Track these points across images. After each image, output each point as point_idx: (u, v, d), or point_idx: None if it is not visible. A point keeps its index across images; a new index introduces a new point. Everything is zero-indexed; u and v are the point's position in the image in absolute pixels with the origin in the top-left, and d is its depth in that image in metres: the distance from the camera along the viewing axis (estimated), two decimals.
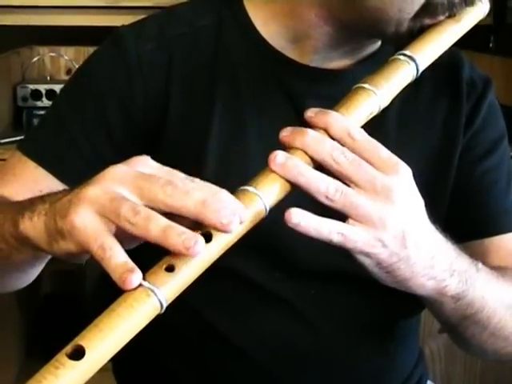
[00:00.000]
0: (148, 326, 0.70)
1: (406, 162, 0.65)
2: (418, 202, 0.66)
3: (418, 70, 0.72)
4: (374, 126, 0.68)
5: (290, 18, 0.82)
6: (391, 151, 0.64)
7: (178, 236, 0.51)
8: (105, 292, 0.63)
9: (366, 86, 0.68)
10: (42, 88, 2.10)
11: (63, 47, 2.25)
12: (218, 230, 0.53)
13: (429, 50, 0.74)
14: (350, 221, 0.62)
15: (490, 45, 2.14)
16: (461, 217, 0.88)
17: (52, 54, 2.26)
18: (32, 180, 0.81)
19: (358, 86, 0.68)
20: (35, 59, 2.25)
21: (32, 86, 2.10)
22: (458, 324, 0.78)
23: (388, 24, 0.75)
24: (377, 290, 0.84)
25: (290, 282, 0.84)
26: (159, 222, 0.52)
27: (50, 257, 0.71)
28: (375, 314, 0.89)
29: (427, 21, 0.76)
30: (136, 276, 0.51)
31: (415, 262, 0.66)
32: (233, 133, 0.82)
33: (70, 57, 2.26)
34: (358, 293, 0.85)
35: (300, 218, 0.60)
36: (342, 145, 0.63)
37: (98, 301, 0.66)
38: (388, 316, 0.91)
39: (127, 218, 0.52)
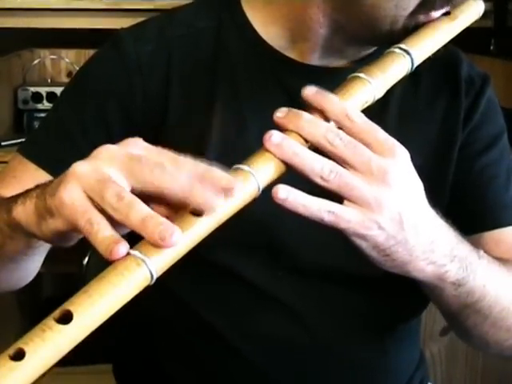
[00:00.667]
0: (148, 328, 0.71)
1: None
2: (416, 184, 0.66)
3: (412, 64, 0.72)
4: (374, 122, 0.68)
5: (287, 19, 0.83)
6: None
7: (154, 226, 0.51)
8: None
9: (361, 75, 0.68)
10: (43, 90, 2.10)
11: (64, 50, 2.25)
12: (204, 211, 0.53)
13: (424, 44, 0.75)
14: (346, 202, 0.62)
15: (491, 47, 2.14)
16: (461, 211, 0.87)
17: (53, 57, 2.26)
18: (32, 182, 0.81)
19: (353, 75, 0.69)
20: (36, 62, 2.25)
21: (33, 89, 2.10)
22: (458, 313, 0.78)
23: (383, 22, 0.76)
24: (377, 291, 0.84)
25: (289, 282, 0.84)
26: (140, 210, 0.52)
27: (45, 250, 0.71)
28: (375, 315, 0.89)
29: (422, 18, 0.76)
30: (123, 246, 0.51)
31: (414, 246, 0.65)
32: (233, 132, 0.83)
33: (70, 59, 2.26)
34: (359, 293, 0.85)
35: (287, 193, 0.60)
36: (340, 127, 0.63)
37: None
38: (388, 318, 0.90)
39: (110, 203, 0.52)
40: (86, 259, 1.39)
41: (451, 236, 0.70)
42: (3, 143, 1.90)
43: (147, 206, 0.53)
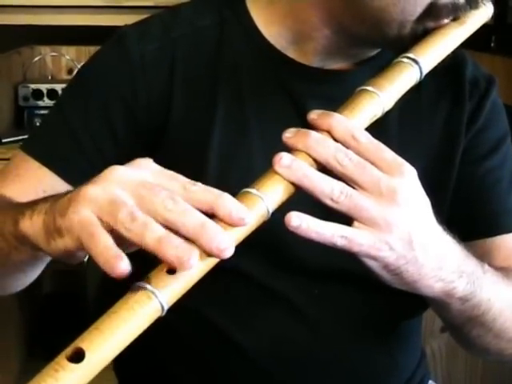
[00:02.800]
0: (149, 326, 0.70)
1: (408, 161, 0.65)
2: (425, 203, 0.66)
3: (421, 73, 0.71)
4: (375, 126, 0.67)
5: (291, 19, 0.82)
6: (393, 151, 0.64)
7: (172, 248, 0.50)
8: (107, 293, 0.63)
9: (369, 88, 0.67)
10: (44, 87, 2.11)
11: (64, 47, 2.25)
12: (213, 255, 0.53)
13: (433, 52, 0.73)
14: (356, 224, 0.62)
15: (492, 44, 2.14)
16: (463, 216, 0.87)
17: (53, 54, 2.27)
18: (35, 180, 0.81)
19: (361, 88, 0.68)
20: (36, 59, 2.25)
21: (33, 86, 2.11)
22: (463, 325, 0.78)
23: (390, 26, 0.75)
24: (380, 290, 0.84)
25: (293, 281, 0.84)
26: (156, 230, 0.51)
27: (49, 258, 0.70)
28: (378, 314, 0.89)
29: (431, 24, 0.75)
30: (124, 262, 0.50)
31: (423, 264, 0.65)
32: (235, 132, 0.82)
33: (71, 56, 2.26)
34: (361, 292, 0.85)
35: (300, 221, 0.60)
36: (346, 147, 0.62)
37: (100, 301, 0.66)
38: (391, 316, 0.90)
39: (124, 223, 0.51)
40: (87, 256, 1.38)
41: (458, 252, 0.70)
42: (4, 140, 1.90)
43: None
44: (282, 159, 0.60)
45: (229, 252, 0.52)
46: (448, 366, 1.84)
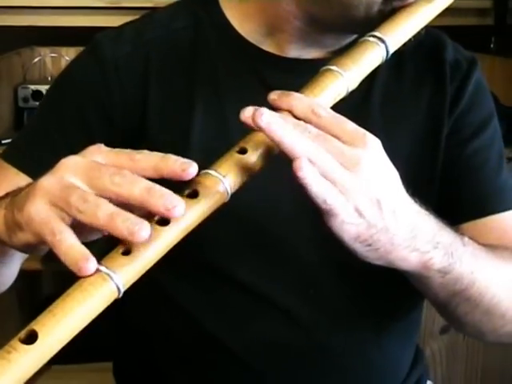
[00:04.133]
0: (146, 331, 0.70)
1: (392, 147, 0.65)
2: (391, 172, 0.65)
3: (387, 52, 0.71)
4: (357, 112, 0.67)
5: (263, 14, 0.84)
6: (376, 136, 0.64)
7: (122, 222, 0.51)
8: None
9: (332, 67, 0.67)
10: (43, 89, 2.10)
11: (64, 48, 2.24)
12: (164, 216, 0.53)
13: (399, 30, 0.73)
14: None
15: (491, 45, 2.14)
16: (452, 199, 0.87)
17: (53, 55, 2.26)
18: (13, 186, 0.82)
19: (324, 68, 0.68)
20: (36, 60, 2.24)
21: (33, 87, 2.10)
22: (448, 302, 0.77)
23: (357, 8, 0.75)
24: (374, 289, 0.84)
25: (285, 283, 0.84)
26: (107, 208, 0.52)
27: (19, 255, 0.71)
28: (371, 313, 0.89)
29: (398, 3, 0.75)
30: (91, 262, 0.51)
31: (395, 234, 0.65)
32: (215, 129, 0.83)
33: (70, 57, 2.24)
34: (355, 291, 0.86)
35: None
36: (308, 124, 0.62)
37: None
38: (384, 315, 0.90)
39: (76, 206, 0.53)
40: None
41: (432, 223, 0.70)
42: (3, 141, 1.90)
43: None
44: (263, 115, 0.59)
45: (178, 211, 0.52)
46: (447, 368, 1.84)
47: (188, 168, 0.54)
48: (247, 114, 0.61)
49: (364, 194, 0.62)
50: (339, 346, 0.87)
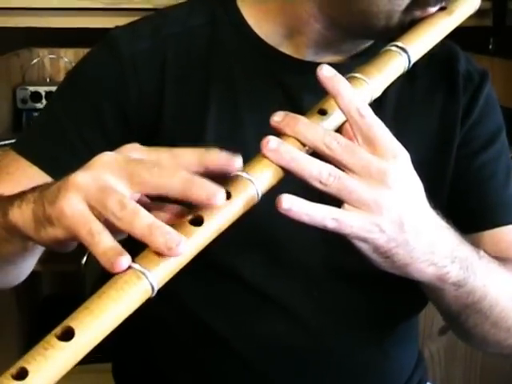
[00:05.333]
0: (146, 328, 0.69)
1: None
2: (417, 185, 0.66)
3: (409, 62, 0.72)
4: None
5: (281, 15, 0.83)
6: None
7: (161, 235, 0.51)
8: None
9: (357, 75, 0.68)
10: (42, 90, 2.10)
11: (63, 49, 2.24)
12: (205, 206, 0.53)
13: (421, 41, 0.74)
14: (346, 206, 0.62)
15: (490, 46, 2.14)
16: (460, 209, 0.87)
17: (51, 56, 2.26)
18: (26, 178, 0.81)
19: (349, 75, 0.68)
20: (35, 61, 2.24)
21: (32, 88, 2.10)
22: (459, 313, 0.78)
23: (377, 17, 0.75)
24: (377, 289, 0.84)
25: (288, 283, 0.84)
26: (145, 218, 0.52)
27: (41, 250, 0.71)
28: (375, 315, 0.89)
29: (418, 13, 0.76)
30: (125, 258, 0.51)
31: (414, 247, 0.65)
32: (230, 130, 0.83)
33: (69, 58, 2.25)
34: (358, 292, 0.85)
35: (291, 204, 0.60)
36: (348, 122, 0.63)
37: None
38: (388, 317, 0.90)
39: (113, 211, 0.52)
40: (85, 258, 1.38)
41: (452, 237, 0.70)
42: (2, 142, 1.89)
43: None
44: (270, 143, 0.60)
45: (219, 199, 0.53)
46: (446, 369, 1.84)
47: (233, 160, 0.55)
48: (277, 118, 0.62)
49: (386, 210, 0.62)
50: (342, 348, 0.87)
